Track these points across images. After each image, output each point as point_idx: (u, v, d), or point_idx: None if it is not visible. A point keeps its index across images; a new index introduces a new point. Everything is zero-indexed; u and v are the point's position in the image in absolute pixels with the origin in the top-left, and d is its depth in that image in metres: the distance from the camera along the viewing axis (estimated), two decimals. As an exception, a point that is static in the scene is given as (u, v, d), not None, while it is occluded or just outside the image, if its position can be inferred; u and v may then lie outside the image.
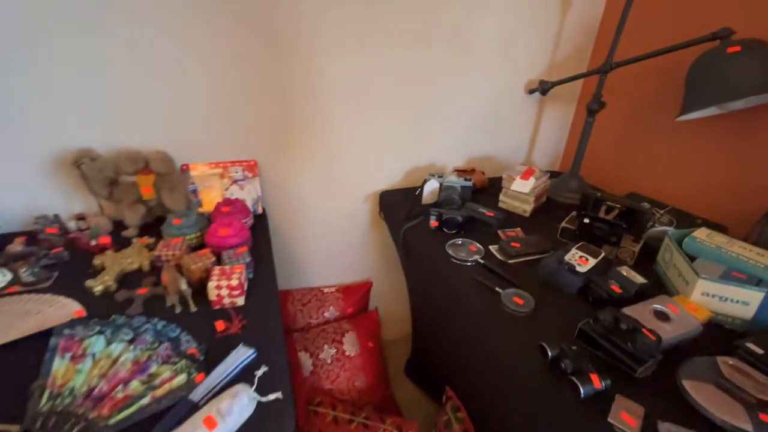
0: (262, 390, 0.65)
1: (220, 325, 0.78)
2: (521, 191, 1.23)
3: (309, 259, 1.54)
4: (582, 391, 0.63)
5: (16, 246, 0.94)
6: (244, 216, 1.10)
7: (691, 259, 0.86)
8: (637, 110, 1.34)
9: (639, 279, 0.88)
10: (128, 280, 0.92)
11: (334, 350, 1.42)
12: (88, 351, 0.68)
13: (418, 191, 1.33)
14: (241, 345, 0.73)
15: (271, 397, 0.64)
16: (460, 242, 1.09)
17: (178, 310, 0.82)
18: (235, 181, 1.22)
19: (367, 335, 1.50)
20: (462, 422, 1.14)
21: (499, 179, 1.34)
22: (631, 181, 1.38)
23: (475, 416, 1.09)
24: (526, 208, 1.25)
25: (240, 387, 0.63)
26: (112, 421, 0.58)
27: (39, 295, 0.85)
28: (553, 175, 1.43)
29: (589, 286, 0.88)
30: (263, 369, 0.69)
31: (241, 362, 0.69)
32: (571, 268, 0.90)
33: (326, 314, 1.54)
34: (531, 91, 1.45)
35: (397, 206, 1.32)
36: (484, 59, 1.35)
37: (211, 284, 0.81)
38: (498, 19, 1.30)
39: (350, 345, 1.45)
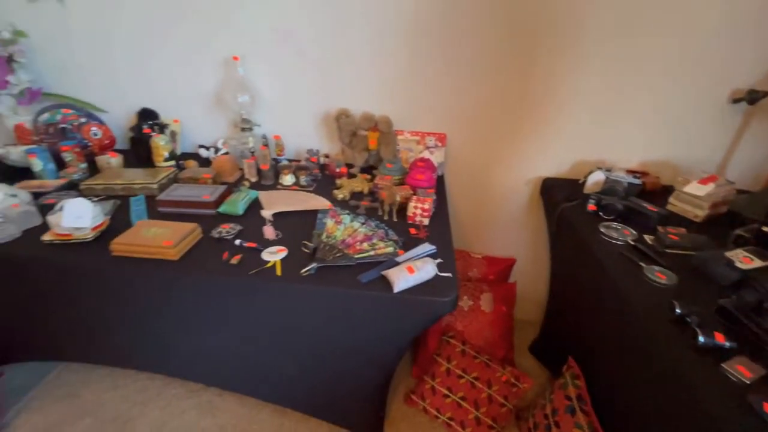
0: (438, 268, 0.97)
1: (412, 230, 1.15)
2: (695, 194, 1.24)
3: (466, 225, 1.83)
4: (700, 338, 0.74)
5: (284, 161, 1.51)
6: (432, 171, 1.46)
7: None
8: None
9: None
10: (355, 196, 1.39)
11: (471, 302, 1.68)
12: (342, 221, 1.13)
13: (581, 180, 1.46)
14: (426, 243, 1.07)
15: (444, 273, 0.96)
16: (615, 225, 1.20)
17: (386, 217, 1.23)
18: (428, 147, 1.60)
19: (503, 300, 1.71)
20: (578, 388, 1.26)
21: (674, 187, 1.35)
22: None
23: (593, 388, 1.20)
24: (698, 213, 1.25)
25: (429, 259, 0.97)
26: (356, 256, 1.00)
27: (308, 193, 1.39)
28: (745, 192, 1.34)
29: (747, 283, 0.90)
30: (439, 260, 1.01)
31: (426, 251, 1.04)
32: (730, 263, 0.94)
33: (470, 274, 1.81)
34: (736, 101, 1.38)
35: (557, 190, 1.49)
36: (684, 60, 1.37)
37: (411, 204, 1.18)
38: (710, 22, 1.30)
39: (486, 303, 1.69)
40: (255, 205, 1.29)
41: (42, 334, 1.28)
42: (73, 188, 1.35)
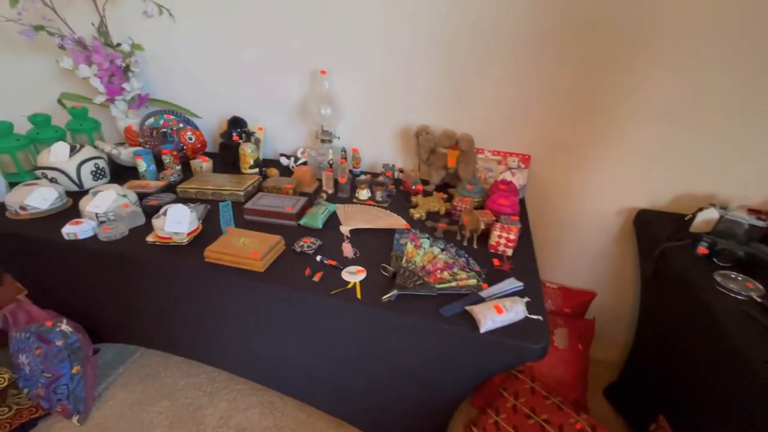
0: (528, 309, 0.90)
1: (495, 261, 1.09)
2: (844, 248, 1.04)
3: (543, 251, 1.71)
4: None
5: (362, 176, 1.50)
6: (516, 195, 1.38)
7: None
8: None
9: None
10: (431, 216, 1.35)
11: (544, 336, 1.57)
12: (422, 245, 1.10)
13: (688, 217, 1.30)
14: (512, 278, 1.00)
15: (534, 316, 0.89)
16: (734, 275, 1.04)
17: (465, 242, 1.18)
18: (510, 168, 1.51)
19: (579, 337, 1.57)
20: (672, 454, 1.11)
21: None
22: None
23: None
24: None
25: (518, 298, 0.90)
26: (437, 286, 0.96)
27: (383, 210, 1.38)
28: None
29: None
30: (527, 299, 0.94)
31: (512, 288, 0.97)
32: None
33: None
34: None
35: (656, 226, 1.33)
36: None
37: (495, 233, 1.12)
38: None
39: (560, 338, 1.56)
40: (333, 219, 1.30)
41: (134, 322, 1.40)
42: (170, 190, 1.46)
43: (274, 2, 1.54)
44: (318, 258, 1.08)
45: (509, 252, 1.13)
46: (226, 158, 1.70)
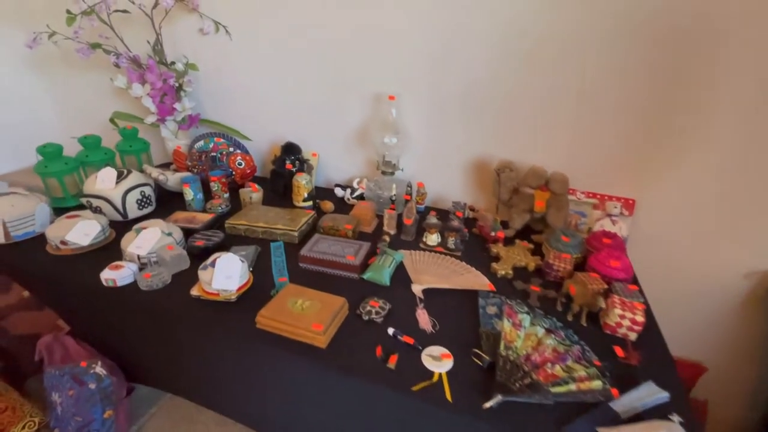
0: (687, 439, 0.65)
1: (618, 351, 0.84)
2: None
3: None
4: None
5: (432, 218, 1.28)
6: (625, 252, 1.12)
7: None
8: None
9: None
10: (518, 273, 1.12)
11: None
12: (522, 324, 0.87)
13: None
14: (650, 382, 0.76)
15: (701, 454, 0.63)
16: None
17: (570, 317, 0.94)
18: (609, 216, 1.26)
19: (691, 426, 1.27)
20: None
21: None
22: None
23: None
24: None
25: (666, 423, 0.66)
26: (553, 390, 0.73)
27: (459, 261, 1.16)
28: None
29: None
30: (678, 418, 0.69)
31: (656, 400, 0.72)
32: None
33: (639, 376, 1.40)
34: None
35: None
36: None
37: (616, 311, 0.87)
38: None
39: (666, 425, 1.27)
40: (400, 270, 1.11)
41: (172, 372, 1.26)
42: (217, 224, 1.32)
43: (338, 21, 1.38)
44: (390, 331, 0.87)
45: (633, 336, 0.88)
46: (277, 186, 1.56)
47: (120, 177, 1.32)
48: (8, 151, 1.95)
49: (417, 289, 1.02)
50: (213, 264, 0.94)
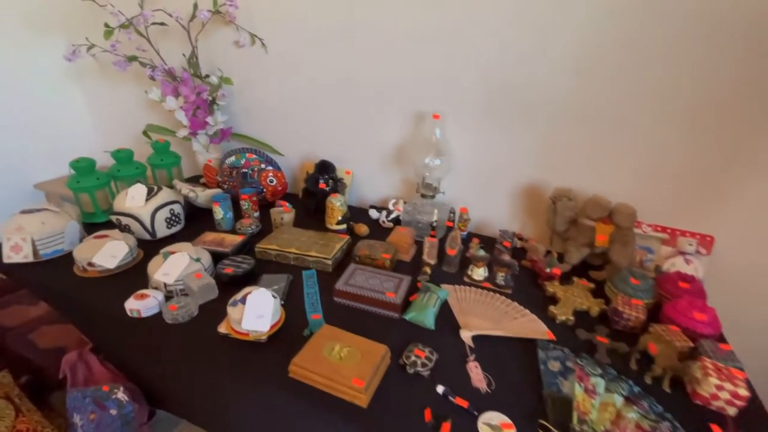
0: None
1: (716, 429, 0.70)
2: None
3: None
4: None
5: (480, 250, 1.16)
6: (704, 300, 0.97)
7: None
8: None
9: None
10: (579, 318, 0.98)
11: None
12: (597, 390, 0.74)
13: None
14: (768, 481, 0.61)
15: None
16: None
17: (648, 380, 0.80)
18: (683, 253, 1.11)
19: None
20: None
21: None
22: None
23: None
24: None
25: None
26: (645, 485, 0.60)
27: (509, 300, 1.04)
28: None
29: None
30: None
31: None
32: None
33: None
34: None
35: None
36: None
37: (711, 380, 0.73)
38: None
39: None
40: (443, 308, 1.00)
41: (195, 403, 1.18)
42: (247, 246, 1.25)
43: (381, 34, 1.30)
44: (440, 389, 0.76)
45: (732, 412, 0.73)
46: (309, 205, 1.48)
47: (150, 194, 1.28)
48: (45, 160, 1.97)
49: (466, 336, 0.91)
50: (243, 300, 0.86)
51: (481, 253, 1.11)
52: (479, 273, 1.12)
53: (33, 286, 1.15)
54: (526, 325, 0.95)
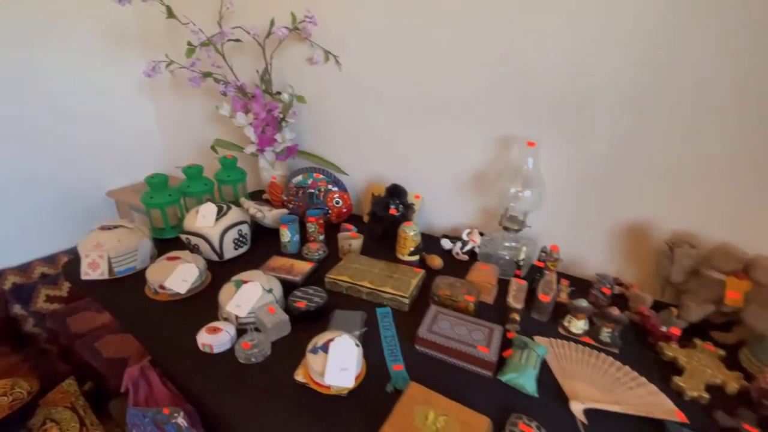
0: None
1: None
2: None
3: None
4: None
5: (581, 300, 1.00)
6: None
7: None
8: None
9: None
10: (713, 395, 0.81)
11: None
12: None
13: None
14: None
15: None
16: None
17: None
18: (842, 321, 0.90)
19: None
20: None
21: None
22: None
23: None
24: None
25: None
26: None
27: (616, 362, 0.88)
28: None
29: None
30: None
31: None
32: None
33: None
34: None
35: None
36: None
37: None
38: None
39: None
40: (544, 371, 0.86)
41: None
42: (316, 275, 1.19)
43: (460, 53, 1.20)
44: (559, 483, 0.63)
45: None
46: (375, 231, 1.39)
47: (219, 213, 1.25)
48: (117, 169, 2.04)
49: (578, 409, 0.77)
50: (325, 348, 0.77)
51: (584, 303, 0.96)
52: (579, 326, 0.97)
53: (106, 304, 1.13)
54: (647, 398, 0.80)
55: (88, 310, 1.75)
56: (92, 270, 1.13)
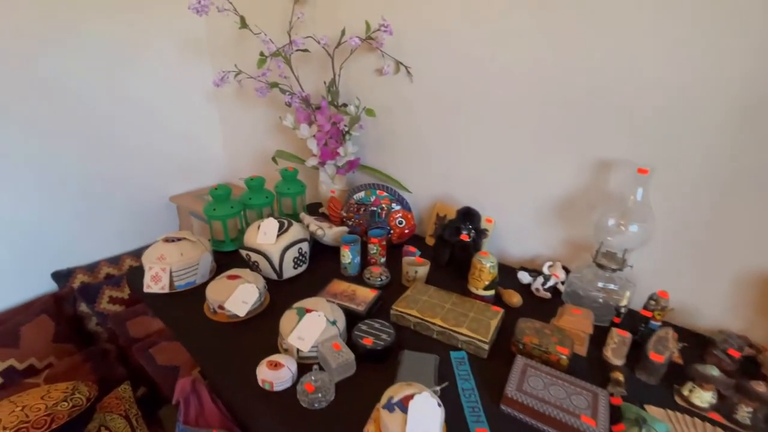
0: None
1: None
2: None
3: None
4: None
5: (711, 368, 0.81)
6: None
7: None
8: None
9: None
10: None
11: None
12: None
13: None
14: None
15: None
16: None
17: None
18: None
19: None
20: None
21: None
22: None
23: None
24: None
25: None
26: None
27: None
28: None
29: None
30: None
31: None
32: None
33: None
34: None
35: None
36: None
37: None
38: None
39: None
40: (664, 457, 0.69)
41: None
42: (379, 303, 1.08)
43: (557, 59, 1.06)
44: None
45: None
46: (440, 256, 1.27)
47: (281, 229, 1.19)
48: (180, 175, 2.08)
49: None
50: (403, 407, 0.66)
51: (715, 372, 0.78)
52: (704, 398, 0.79)
53: (166, 321, 1.10)
54: None
55: (145, 315, 1.77)
56: (154, 283, 1.11)
